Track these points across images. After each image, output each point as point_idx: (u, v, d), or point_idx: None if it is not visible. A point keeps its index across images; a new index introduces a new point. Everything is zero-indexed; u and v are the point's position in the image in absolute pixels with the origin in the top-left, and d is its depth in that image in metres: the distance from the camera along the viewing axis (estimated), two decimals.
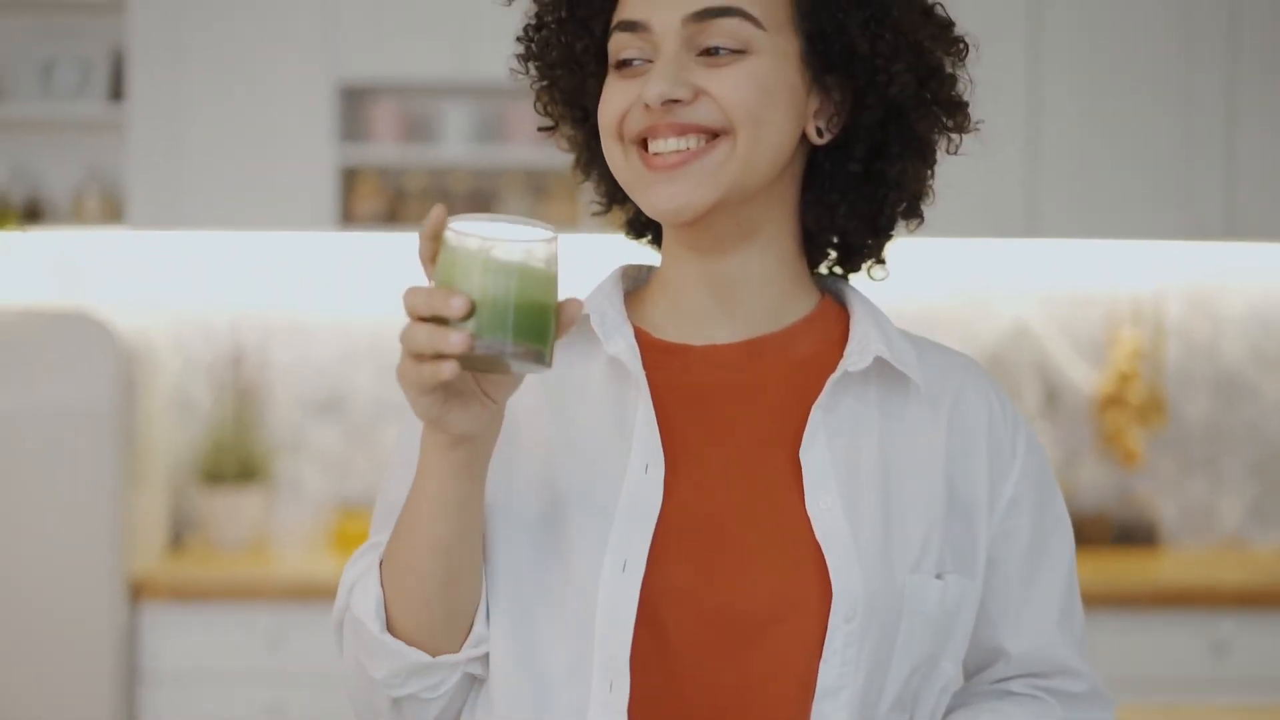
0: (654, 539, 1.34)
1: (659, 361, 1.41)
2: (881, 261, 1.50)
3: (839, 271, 1.51)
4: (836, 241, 1.49)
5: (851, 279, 1.51)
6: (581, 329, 1.42)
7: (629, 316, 1.44)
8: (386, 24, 4.23)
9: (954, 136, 1.44)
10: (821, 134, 1.40)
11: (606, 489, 1.37)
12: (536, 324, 1.17)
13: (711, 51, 1.35)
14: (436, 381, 1.17)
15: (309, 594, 3.97)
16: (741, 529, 1.36)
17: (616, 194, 1.49)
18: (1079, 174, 4.24)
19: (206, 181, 4.23)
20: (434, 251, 1.21)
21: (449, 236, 1.18)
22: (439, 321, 1.15)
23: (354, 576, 1.38)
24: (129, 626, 3.97)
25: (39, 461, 3.95)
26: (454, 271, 1.17)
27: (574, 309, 1.21)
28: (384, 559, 1.35)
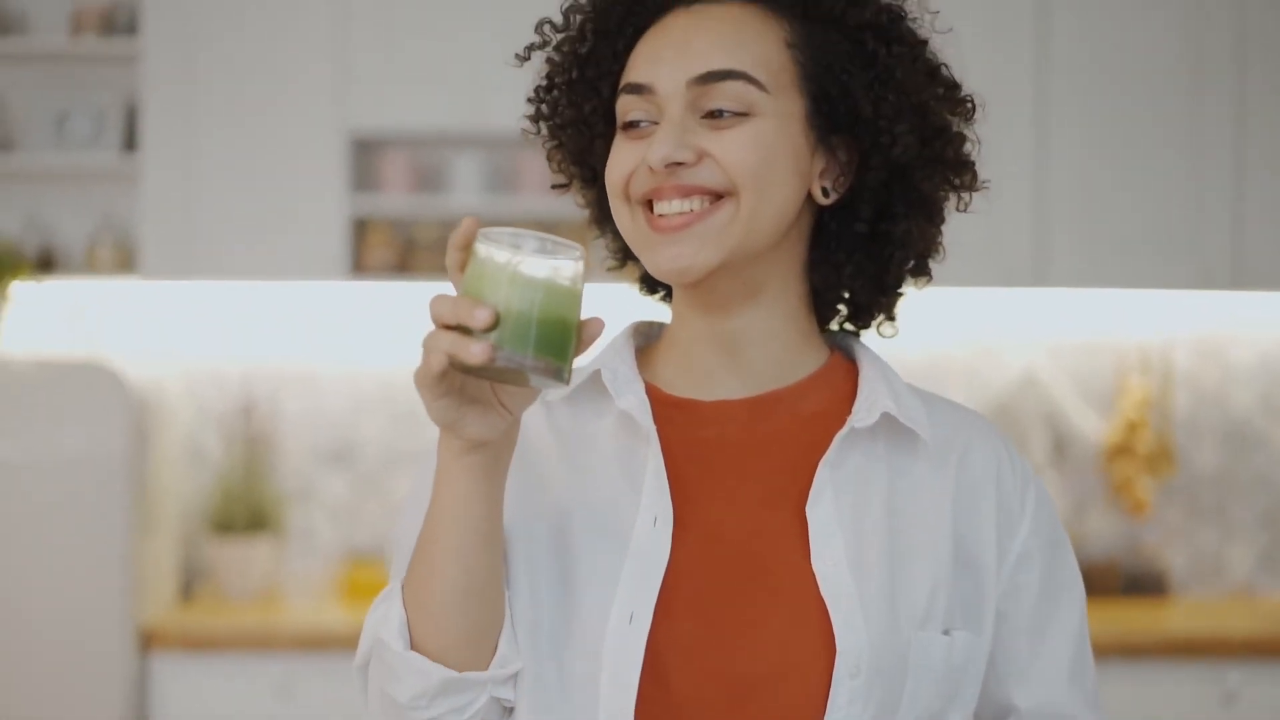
0: (661, 592, 1.35)
1: (669, 416, 1.43)
2: (892, 318, 1.51)
3: (850, 328, 1.52)
4: (846, 299, 1.50)
5: (861, 335, 1.53)
6: (593, 384, 1.44)
7: (640, 372, 1.46)
8: (397, 75, 4.26)
9: (963, 195, 1.46)
10: (827, 194, 1.42)
11: (615, 541, 1.38)
12: (558, 340, 1.19)
13: (715, 114, 1.36)
14: (456, 385, 1.20)
15: (319, 644, 3.97)
16: (748, 584, 1.37)
17: (630, 250, 1.51)
18: (1087, 223, 4.25)
19: (218, 231, 4.26)
20: (462, 261, 1.23)
21: (478, 248, 1.20)
22: (463, 330, 1.17)
23: (377, 619, 1.36)
24: (139, 676, 3.97)
25: (51, 510, 3.96)
26: (481, 283, 1.18)
27: (595, 328, 1.23)
28: (405, 580, 1.34)
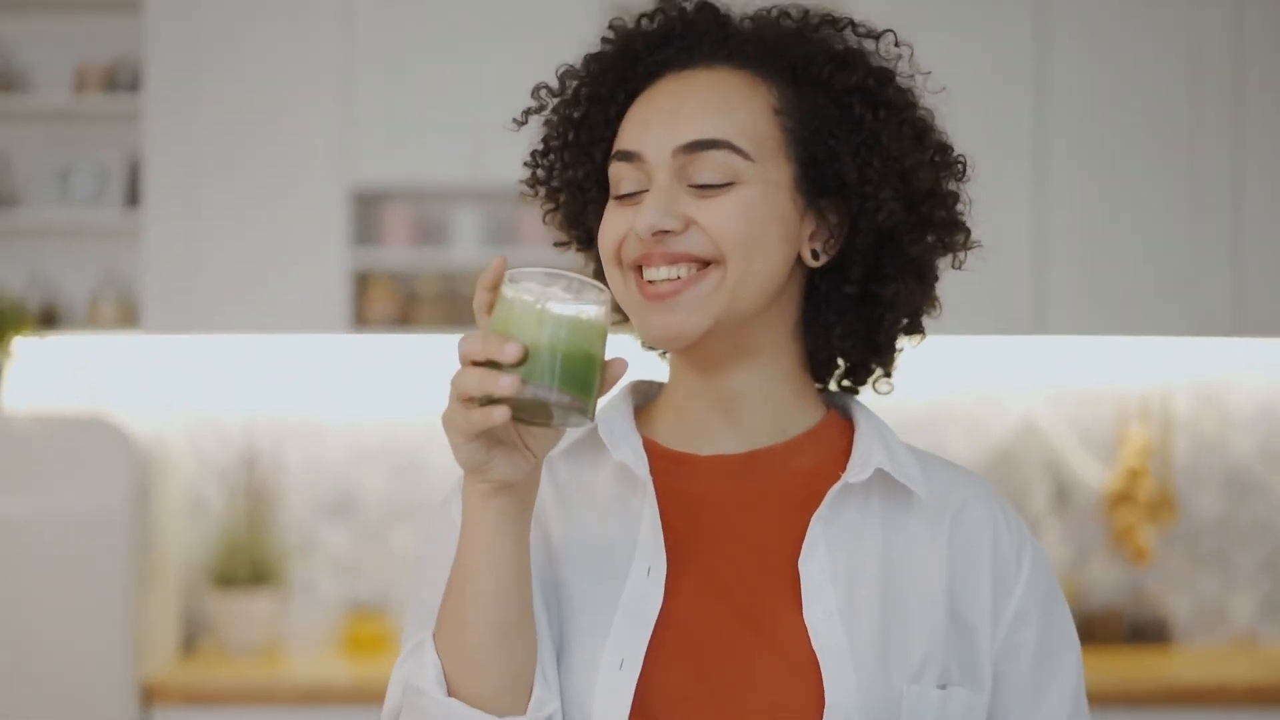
0: (652, 640, 1.36)
1: (665, 469, 1.44)
2: (889, 375, 1.52)
3: (848, 383, 1.53)
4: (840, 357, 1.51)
5: (860, 390, 1.54)
6: (591, 438, 1.46)
7: (638, 428, 1.48)
8: (398, 129, 4.28)
9: (961, 252, 1.47)
10: (817, 256, 1.43)
11: (609, 589, 1.39)
12: (583, 376, 1.22)
13: (701, 183, 1.38)
14: (486, 426, 1.21)
15: (321, 698, 3.96)
16: (739, 635, 1.38)
17: None
18: (1086, 271, 4.27)
19: (221, 286, 4.27)
20: (490, 302, 1.27)
21: (505, 289, 1.24)
22: (491, 367, 1.20)
23: (410, 669, 1.35)
24: None
25: (53, 564, 3.95)
26: (509, 321, 1.22)
27: (619, 368, 1.26)
28: (436, 629, 1.34)
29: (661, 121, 1.39)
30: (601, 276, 1.52)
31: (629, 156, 1.40)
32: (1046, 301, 4.26)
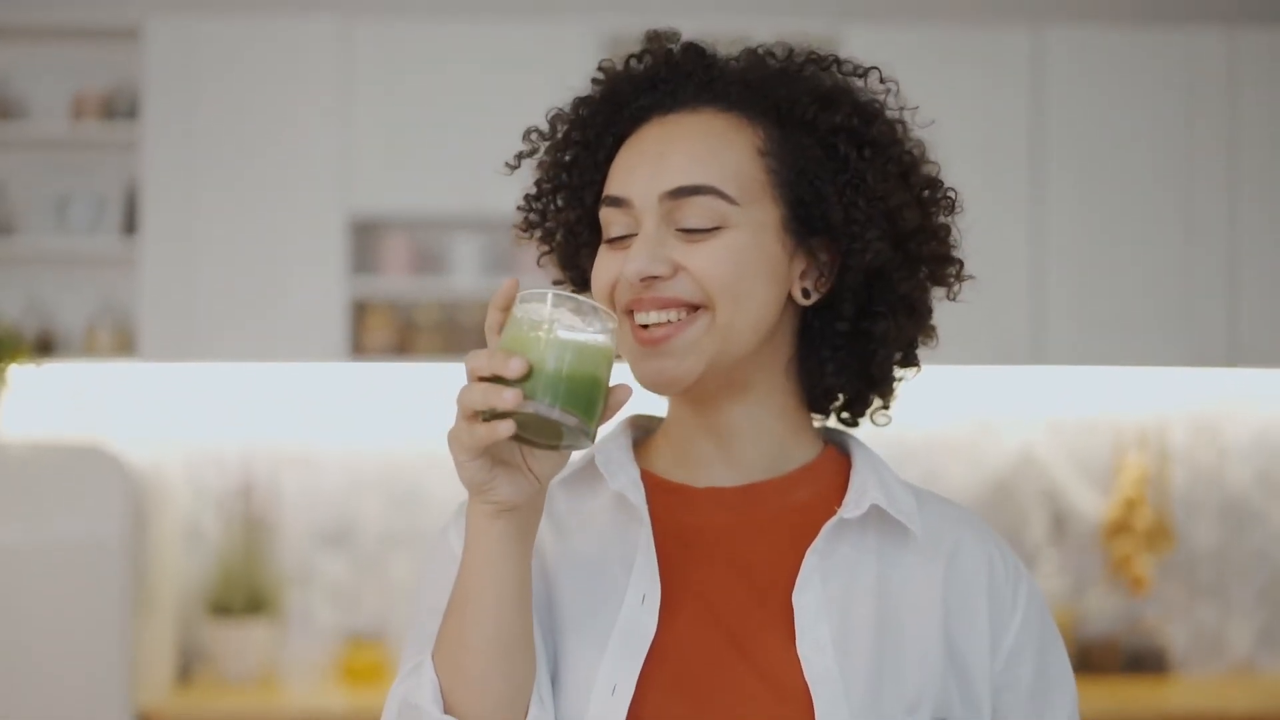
0: (645, 668, 1.37)
1: (661, 499, 1.45)
2: (887, 407, 1.52)
3: (845, 416, 1.53)
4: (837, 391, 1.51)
5: (858, 422, 1.54)
6: (588, 469, 1.47)
7: (636, 460, 1.48)
8: (397, 158, 4.29)
9: (954, 285, 1.47)
10: (808, 295, 1.43)
11: (603, 617, 1.40)
12: (586, 397, 1.24)
13: (688, 227, 1.38)
14: (490, 441, 1.22)
15: None
16: (732, 665, 1.38)
17: None
18: (1083, 302, 4.28)
19: (218, 314, 4.28)
20: (500, 322, 1.28)
21: (516, 309, 1.26)
22: (497, 383, 1.22)
23: (408, 688, 1.36)
24: None
25: (49, 593, 3.95)
26: (517, 340, 1.24)
27: (623, 394, 1.28)
28: (435, 649, 1.35)
29: (648, 166, 1.40)
30: None
31: (617, 202, 1.41)
32: (1044, 332, 4.27)
